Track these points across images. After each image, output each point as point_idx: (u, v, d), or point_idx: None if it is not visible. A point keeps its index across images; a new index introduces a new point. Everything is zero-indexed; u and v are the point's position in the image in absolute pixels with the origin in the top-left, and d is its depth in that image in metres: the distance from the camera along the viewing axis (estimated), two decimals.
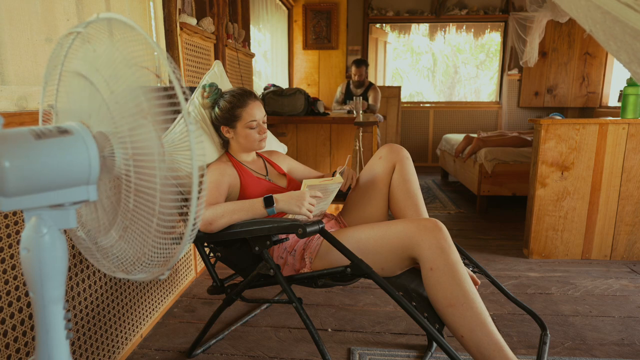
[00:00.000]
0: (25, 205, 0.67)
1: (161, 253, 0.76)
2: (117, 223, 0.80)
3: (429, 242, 1.26)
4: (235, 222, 1.34)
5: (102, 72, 0.73)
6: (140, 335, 1.73)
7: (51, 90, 0.85)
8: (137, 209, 0.74)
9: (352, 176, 1.60)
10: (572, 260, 2.59)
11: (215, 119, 1.59)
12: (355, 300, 2.07)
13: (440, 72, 7.42)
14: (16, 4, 1.24)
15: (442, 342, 1.16)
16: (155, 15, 2.00)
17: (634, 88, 2.58)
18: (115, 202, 0.79)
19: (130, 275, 0.81)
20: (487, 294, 2.11)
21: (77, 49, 0.81)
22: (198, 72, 2.38)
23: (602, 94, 5.49)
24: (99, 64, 0.74)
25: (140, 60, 0.71)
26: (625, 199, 2.52)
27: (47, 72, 0.85)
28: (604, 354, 1.64)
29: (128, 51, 0.72)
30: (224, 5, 2.79)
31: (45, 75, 0.86)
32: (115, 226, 0.80)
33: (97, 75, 0.74)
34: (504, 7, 5.66)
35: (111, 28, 0.75)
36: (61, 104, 0.85)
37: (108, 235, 0.82)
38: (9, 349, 1.09)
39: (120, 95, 0.71)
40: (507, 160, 3.54)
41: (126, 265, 0.81)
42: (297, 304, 1.29)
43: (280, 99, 2.92)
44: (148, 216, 0.73)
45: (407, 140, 6.06)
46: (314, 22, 5.46)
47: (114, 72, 0.72)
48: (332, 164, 3.26)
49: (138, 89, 0.70)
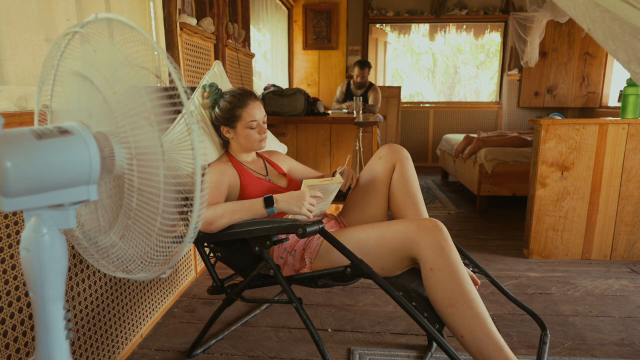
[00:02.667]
0: (26, 206, 0.67)
1: (163, 252, 0.76)
2: (118, 223, 0.80)
3: (429, 242, 1.26)
4: (235, 222, 1.34)
5: (103, 72, 0.73)
6: (140, 335, 1.73)
7: (47, 90, 0.85)
8: (140, 208, 0.75)
9: (352, 176, 1.60)
10: (572, 260, 2.59)
11: (215, 119, 1.59)
12: (355, 300, 2.07)
13: (440, 72, 7.42)
14: (15, 4, 1.24)
15: (442, 342, 1.16)
16: (155, 15, 2.00)
17: (633, 88, 2.58)
18: (116, 201, 0.79)
19: (131, 275, 0.81)
20: (487, 294, 2.11)
21: (74, 49, 0.81)
22: (198, 72, 2.38)
23: (602, 94, 5.49)
24: (100, 64, 0.74)
25: (141, 60, 0.71)
26: (625, 199, 2.52)
27: (43, 72, 0.85)
28: (604, 354, 1.64)
29: (129, 51, 0.72)
30: (224, 5, 2.79)
31: (42, 75, 0.86)
32: (117, 226, 0.80)
33: (98, 75, 0.74)
34: (504, 7, 5.66)
35: (111, 28, 0.75)
36: (58, 104, 0.85)
37: (108, 234, 0.82)
38: (9, 349, 1.09)
39: (123, 95, 0.71)
40: (507, 160, 3.54)
41: (127, 264, 0.81)
42: (297, 304, 1.29)
43: (280, 99, 2.92)
44: (152, 215, 0.73)
45: (407, 140, 6.06)
46: (314, 22, 5.46)
47: (115, 72, 0.72)
48: (332, 164, 3.26)
49: (141, 88, 0.70)
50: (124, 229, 0.79)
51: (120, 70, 0.72)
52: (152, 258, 0.77)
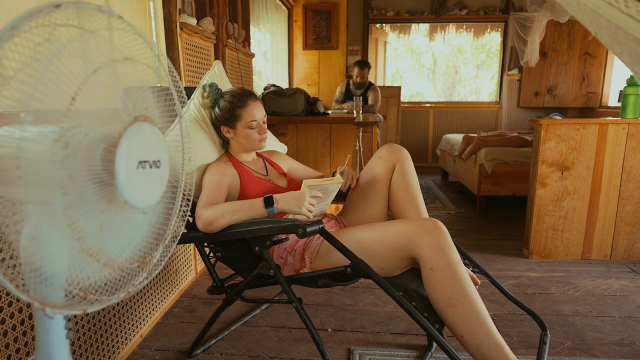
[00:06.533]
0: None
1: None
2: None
3: (429, 242, 1.26)
4: (235, 222, 1.34)
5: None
6: (140, 335, 1.73)
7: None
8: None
9: (352, 176, 1.60)
10: (572, 260, 2.59)
11: (215, 119, 1.59)
12: (355, 300, 2.07)
13: (440, 72, 7.42)
14: (15, 4, 1.24)
15: (442, 342, 1.16)
16: (155, 15, 2.00)
17: (634, 88, 2.58)
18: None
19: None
20: (487, 294, 2.11)
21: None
22: (198, 72, 2.38)
23: (602, 94, 5.49)
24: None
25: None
26: (625, 199, 2.52)
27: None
28: (604, 354, 1.64)
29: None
30: (224, 5, 2.79)
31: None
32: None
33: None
34: (504, 7, 5.66)
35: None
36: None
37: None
38: (9, 349, 1.09)
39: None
40: (507, 160, 3.54)
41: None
42: (297, 304, 1.29)
43: (280, 99, 2.92)
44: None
45: (407, 140, 6.06)
46: (314, 22, 5.46)
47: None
48: (332, 164, 3.26)
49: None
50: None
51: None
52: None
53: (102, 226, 0.72)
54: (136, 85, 0.80)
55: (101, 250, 0.72)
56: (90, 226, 0.70)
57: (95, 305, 0.71)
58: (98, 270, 0.73)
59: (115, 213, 0.74)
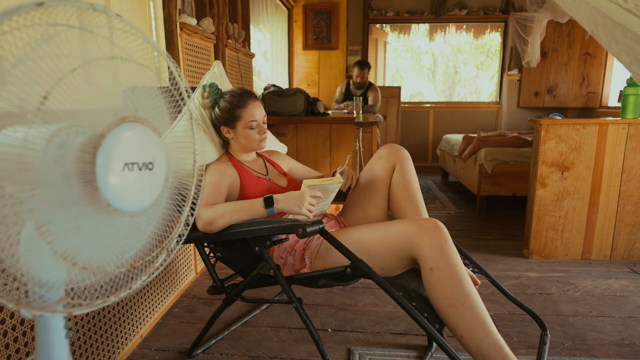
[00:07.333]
0: None
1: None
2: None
3: (429, 242, 1.26)
4: (235, 222, 1.34)
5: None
6: (140, 335, 1.73)
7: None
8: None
9: (352, 176, 1.60)
10: (572, 260, 2.59)
11: (215, 119, 1.59)
12: (355, 300, 2.07)
13: (440, 73, 7.42)
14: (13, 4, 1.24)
15: (442, 342, 1.16)
16: (155, 15, 2.00)
17: (634, 88, 2.58)
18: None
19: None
20: (487, 294, 2.11)
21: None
22: (198, 72, 2.38)
23: (602, 94, 5.49)
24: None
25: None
26: (625, 199, 2.52)
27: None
28: (604, 354, 1.64)
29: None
30: (224, 5, 2.79)
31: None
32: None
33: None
34: (504, 7, 5.66)
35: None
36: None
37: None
38: (8, 349, 1.09)
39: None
40: (507, 160, 3.54)
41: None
42: (297, 304, 1.29)
43: (280, 99, 2.92)
44: None
45: (407, 140, 6.06)
46: (314, 22, 5.46)
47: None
48: (332, 164, 3.26)
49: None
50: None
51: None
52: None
53: (80, 229, 0.70)
54: (130, 85, 0.79)
55: (78, 254, 0.70)
56: (64, 229, 0.68)
57: (77, 309, 0.69)
58: (76, 273, 0.70)
59: (96, 215, 0.72)
